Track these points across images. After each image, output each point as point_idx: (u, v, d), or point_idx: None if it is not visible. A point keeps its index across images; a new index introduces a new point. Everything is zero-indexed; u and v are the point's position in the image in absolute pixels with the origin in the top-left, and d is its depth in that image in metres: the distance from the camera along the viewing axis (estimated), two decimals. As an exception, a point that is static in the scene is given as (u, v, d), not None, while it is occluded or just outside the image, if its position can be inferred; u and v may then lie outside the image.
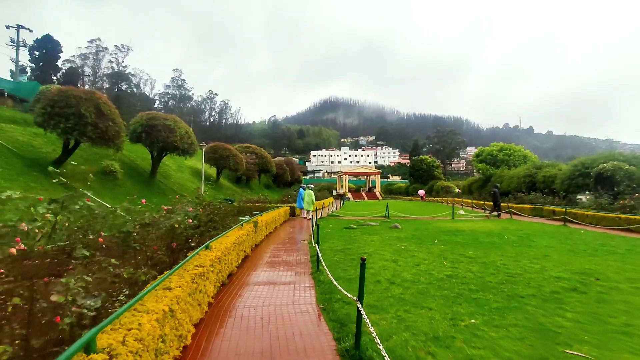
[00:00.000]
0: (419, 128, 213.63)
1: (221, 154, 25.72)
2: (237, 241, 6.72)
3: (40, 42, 70.51)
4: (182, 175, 22.92)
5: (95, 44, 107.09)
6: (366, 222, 15.78)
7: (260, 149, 36.25)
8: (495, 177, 36.17)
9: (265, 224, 11.04)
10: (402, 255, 7.97)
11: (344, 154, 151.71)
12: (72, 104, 12.07)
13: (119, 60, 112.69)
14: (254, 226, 9.06)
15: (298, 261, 7.65)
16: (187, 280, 3.50)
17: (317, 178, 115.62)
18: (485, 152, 41.98)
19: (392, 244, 9.51)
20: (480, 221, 16.68)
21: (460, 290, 5.19)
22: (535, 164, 29.09)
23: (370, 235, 11.42)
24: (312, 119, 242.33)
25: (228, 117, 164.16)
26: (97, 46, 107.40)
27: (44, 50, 70.97)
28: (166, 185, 18.81)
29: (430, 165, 69.56)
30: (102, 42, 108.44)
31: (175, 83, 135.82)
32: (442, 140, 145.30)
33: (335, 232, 12.28)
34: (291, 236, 11.75)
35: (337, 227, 13.92)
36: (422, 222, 16.16)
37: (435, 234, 11.72)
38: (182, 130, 17.15)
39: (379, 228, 13.53)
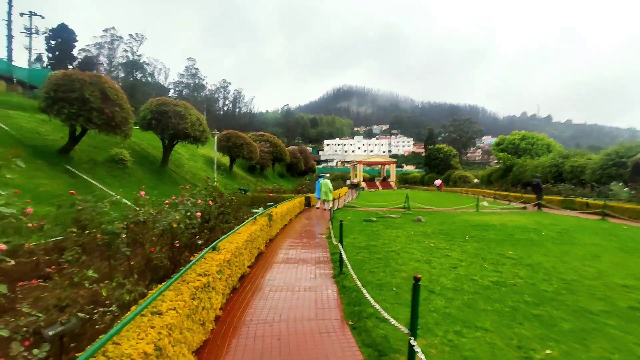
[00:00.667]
0: (434, 117, 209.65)
1: (234, 142, 25.02)
2: (249, 238, 5.98)
3: (55, 32, 70.77)
4: (195, 164, 22.37)
5: (110, 32, 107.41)
6: (386, 214, 14.90)
7: (274, 137, 35.44)
8: (517, 167, 34.64)
9: (280, 216, 10.30)
10: (434, 254, 7.11)
11: (358, 142, 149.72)
12: (76, 88, 11.44)
13: (134, 49, 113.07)
14: (268, 219, 8.32)
15: (317, 259, 6.88)
16: (186, 297, 2.75)
17: (330, 167, 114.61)
18: (507, 140, 40.23)
19: (419, 241, 8.64)
20: (507, 214, 15.61)
21: (514, 303, 4.32)
22: (561, 153, 27.53)
23: (393, 229, 10.57)
24: (325, 107, 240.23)
25: (242, 106, 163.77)
26: (111, 35, 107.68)
27: (60, 39, 71.28)
28: (178, 175, 18.25)
29: (447, 154, 67.80)
30: (116, 31, 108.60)
31: (189, 72, 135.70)
32: (458, 128, 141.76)
33: (354, 225, 11.47)
34: (307, 229, 10.99)
35: (356, 219, 13.10)
36: (446, 214, 15.19)
37: (463, 228, 10.78)
38: (193, 117, 16.45)
39: (401, 221, 12.65)
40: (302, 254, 7.43)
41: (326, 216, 14.82)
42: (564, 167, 25.40)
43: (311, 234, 10.03)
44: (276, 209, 10.29)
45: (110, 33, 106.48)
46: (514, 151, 39.05)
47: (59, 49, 72.86)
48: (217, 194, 8.19)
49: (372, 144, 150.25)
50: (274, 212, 9.31)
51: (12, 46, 34.89)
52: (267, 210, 9.23)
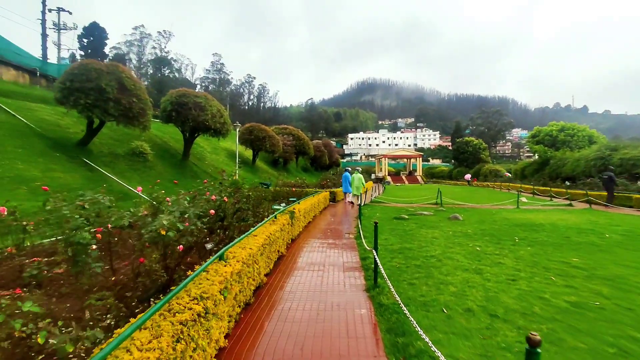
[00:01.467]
0: (461, 109, 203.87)
1: (257, 135, 24.29)
2: (267, 241, 5.14)
3: (87, 30, 72.90)
4: (217, 158, 21.91)
5: (139, 30, 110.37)
6: (417, 210, 13.79)
7: (297, 130, 34.57)
8: (556, 160, 32.34)
9: (304, 213, 9.45)
10: (483, 261, 6.04)
11: (382, 136, 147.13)
12: (92, 78, 10.97)
13: (162, 46, 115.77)
14: (290, 218, 7.48)
15: (346, 265, 5.98)
16: (165, 341, 1.90)
17: (354, 161, 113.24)
18: (543, 132, 37.76)
19: (461, 243, 7.56)
20: (553, 211, 14.13)
21: (616, 339, 3.24)
22: (608, 145, 25.23)
23: (428, 228, 9.50)
24: (349, 101, 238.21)
25: (266, 100, 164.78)
26: (141, 33, 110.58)
27: (92, 37, 73.44)
28: (199, 168, 17.77)
29: (476, 147, 65.04)
30: (145, 29, 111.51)
31: (214, 67, 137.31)
32: (487, 121, 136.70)
33: (384, 223, 10.47)
34: (333, 227, 10.09)
35: (385, 216, 12.07)
36: (483, 211, 13.90)
37: (508, 228, 9.56)
38: (213, 109, 15.80)
39: (435, 219, 11.53)
40: (328, 257, 6.54)
41: (352, 212, 13.88)
42: (612, 159, 23.22)
43: (337, 233, 9.13)
44: (299, 205, 9.45)
45: (139, 31, 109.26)
46: (551, 143, 36.62)
47: (91, 47, 75.04)
48: (234, 188, 7.41)
49: (397, 138, 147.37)
50: (296, 209, 8.47)
51: (46, 44, 35.72)
52: (289, 207, 8.40)
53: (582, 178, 24.28)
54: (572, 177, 27.80)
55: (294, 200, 11.72)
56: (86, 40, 74.77)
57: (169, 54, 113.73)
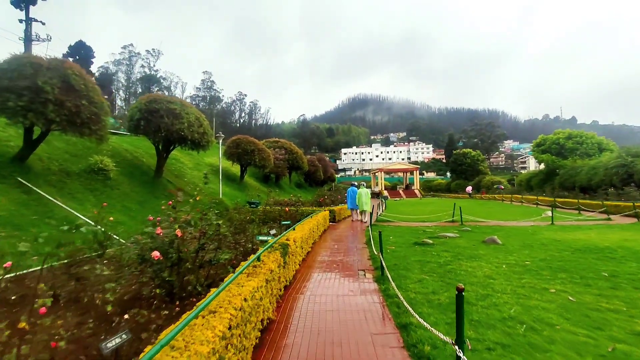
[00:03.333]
0: (452, 122, 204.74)
1: (245, 149, 21.64)
2: (234, 322, 2.64)
3: (73, 48, 71.13)
4: (199, 174, 19.42)
5: (128, 49, 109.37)
6: (437, 231, 11.38)
7: (290, 143, 32.12)
8: (567, 169, 30.38)
9: (301, 242, 6.98)
10: (607, 328, 3.61)
11: (376, 150, 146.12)
12: (27, 75, 8.58)
13: (151, 64, 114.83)
14: (281, 256, 5.01)
15: (377, 340, 3.48)
16: None
17: (348, 176, 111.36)
18: (549, 140, 36.02)
19: (534, 287, 5.14)
20: (600, 228, 11.85)
21: None
22: (629, 150, 23.29)
23: (468, 259, 7.06)
24: (340, 117, 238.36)
25: (258, 117, 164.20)
26: (129, 52, 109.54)
27: (77, 56, 71.59)
28: (176, 186, 15.25)
29: (474, 159, 63.43)
30: (134, 48, 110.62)
31: (205, 85, 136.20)
32: (480, 133, 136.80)
33: (406, 251, 8.02)
34: (340, 259, 7.58)
35: (403, 241, 9.62)
36: (518, 231, 11.53)
37: (573, 257, 7.17)
38: (190, 117, 13.37)
39: (467, 243, 9.11)
40: (344, 322, 4.04)
41: (360, 235, 11.43)
42: (637, 167, 21.21)
43: (348, 269, 6.64)
44: (295, 232, 6.99)
45: (128, 50, 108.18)
46: (558, 152, 34.81)
47: (77, 66, 73.01)
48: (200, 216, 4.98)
49: (391, 152, 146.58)
50: (291, 239, 6.01)
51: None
52: (282, 237, 5.95)
53: (604, 187, 22.18)
54: (587, 187, 25.76)
55: (287, 223, 9.27)
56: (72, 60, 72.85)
57: (158, 72, 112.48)
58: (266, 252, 4.75)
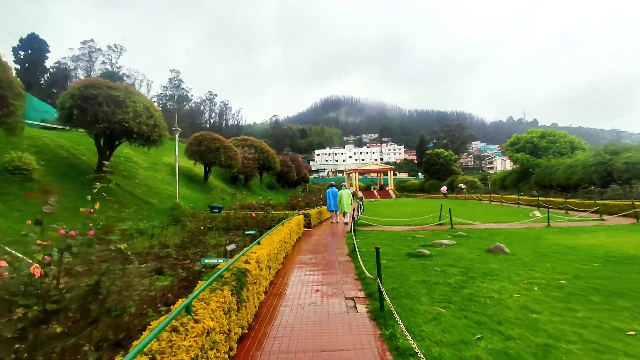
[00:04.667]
0: (423, 124, 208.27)
1: (208, 146, 19.36)
2: None
3: (25, 42, 65.37)
4: (156, 175, 17.08)
5: (88, 45, 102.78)
6: (429, 237, 9.88)
7: (261, 141, 29.94)
8: (542, 168, 30.13)
9: (267, 262, 5.17)
10: None
11: (349, 151, 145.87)
12: None
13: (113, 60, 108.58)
14: (234, 294, 3.19)
15: None
16: None
17: (322, 177, 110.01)
18: (523, 139, 35.94)
19: (590, 320, 3.61)
20: (599, 229, 10.77)
21: None
22: (606, 148, 23.02)
23: (484, 278, 5.49)
24: (313, 118, 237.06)
25: (229, 118, 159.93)
26: (89, 47, 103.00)
27: (30, 50, 65.88)
28: (123, 189, 12.97)
29: (447, 159, 63.61)
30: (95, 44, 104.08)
31: (172, 84, 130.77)
32: (450, 134, 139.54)
33: (401, 266, 6.37)
34: (319, 282, 5.81)
35: (393, 251, 7.99)
36: (517, 235, 10.22)
37: (612, 272, 5.80)
38: (138, 106, 11.18)
39: (469, 253, 7.60)
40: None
41: (341, 241, 9.75)
42: (615, 165, 20.82)
43: (332, 296, 4.87)
44: (260, 247, 5.18)
45: (88, 45, 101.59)
46: (532, 150, 34.75)
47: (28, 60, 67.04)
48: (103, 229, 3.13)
49: (364, 153, 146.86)
50: (253, 261, 4.20)
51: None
52: (239, 257, 4.12)
53: (584, 186, 21.69)
54: (565, 185, 25.41)
55: (253, 233, 7.41)
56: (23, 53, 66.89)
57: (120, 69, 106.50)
58: (208, 291, 2.93)
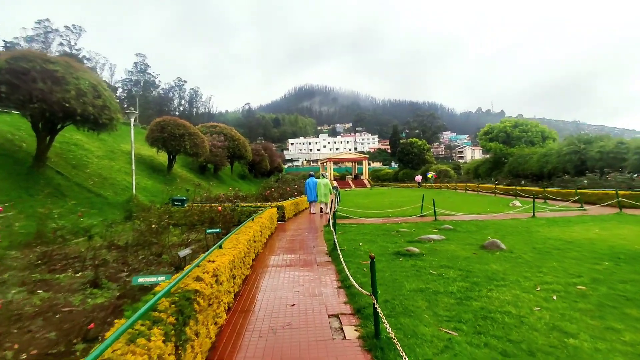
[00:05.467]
0: (395, 114, 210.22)
1: (172, 133, 17.52)
2: None
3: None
4: (112, 165, 15.36)
5: (43, 25, 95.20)
6: (414, 232, 9.07)
7: (231, 128, 28.23)
8: (515, 157, 30.33)
9: (230, 273, 4.09)
10: None
11: (323, 141, 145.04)
12: None
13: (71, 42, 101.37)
14: (168, 340, 2.10)
15: None
16: None
17: (296, 167, 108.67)
18: (497, 129, 36.14)
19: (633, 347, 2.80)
20: (588, 220, 10.35)
21: None
22: (580, 137, 23.21)
23: (490, 284, 4.65)
24: (287, 107, 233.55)
25: (199, 105, 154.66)
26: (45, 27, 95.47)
27: (-28, 27, 59.95)
28: (69, 180, 11.34)
29: (420, 148, 63.90)
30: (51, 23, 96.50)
31: (137, 68, 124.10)
32: (422, 124, 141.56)
33: (390, 269, 5.45)
34: (294, 292, 4.79)
35: (378, 249, 7.08)
36: (505, 227, 9.58)
37: (633, 275, 5.13)
38: (82, 83, 9.57)
39: (463, 250, 6.80)
40: None
41: (320, 237, 8.78)
42: (589, 153, 20.96)
43: (312, 314, 3.87)
44: (222, 252, 4.07)
45: (43, 25, 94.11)
46: (505, 140, 35.03)
47: (-30, 41, 61.06)
48: None
49: (338, 142, 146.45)
50: (208, 275, 3.11)
51: None
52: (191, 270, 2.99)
53: (559, 175, 21.77)
54: (539, 174, 25.60)
55: (216, 232, 6.28)
56: (-35, 32, 60.71)
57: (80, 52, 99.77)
58: (124, 341, 1.83)
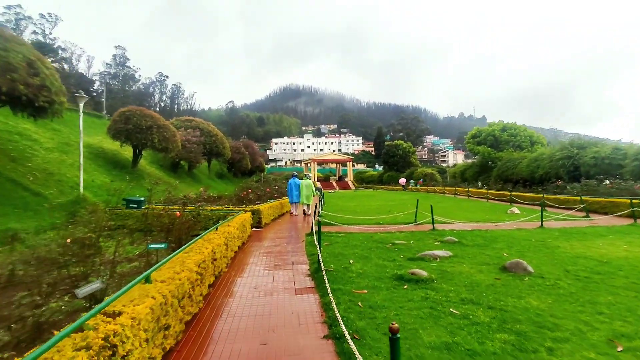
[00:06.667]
0: (380, 116, 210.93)
1: (138, 124, 15.47)
2: None
3: None
4: (64, 158, 13.40)
5: (13, 11, 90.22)
6: (414, 246, 7.64)
7: (208, 123, 26.19)
8: (504, 162, 29.54)
9: (155, 325, 2.51)
10: None
11: (307, 141, 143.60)
12: None
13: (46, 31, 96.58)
14: None
15: None
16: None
17: (279, 167, 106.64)
18: (485, 132, 35.44)
19: None
20: (601, 232, 9.16)
21: None
22: (572, 142, 22.47)
23: (544, 339, 3.23)
24: (272, 106, 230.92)
25: (181, 102, 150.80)
26: (16, 14, 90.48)
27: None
28: (2, 175, 9.44)
29: (406, 151, 63.17)
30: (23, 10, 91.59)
31: (116, 61, 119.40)
32: (406, 127, 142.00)
33: (395, 304, 3.97)
34: (272, 348, 3.26)
35: (374, 270, 5.59)
36: (516, 240, 8.26)
37: None
38: (12, 57, 7.76)
39: (480, 273, 5.40)
40: None
41: (300, 249, 7.23)
42: (583, 159, 20.16)
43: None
44: (145, 299, 2.46)
45: (14, 11, 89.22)
46: (493, 143, 34.35)
47: None
48: None
49: (322, 143, 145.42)
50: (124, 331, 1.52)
51: None
52: None
53: (553, 180, 20.90)
54: (529, 179, 24.79)
55: (160, 247, 4.65)
56: None
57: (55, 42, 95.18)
58: None
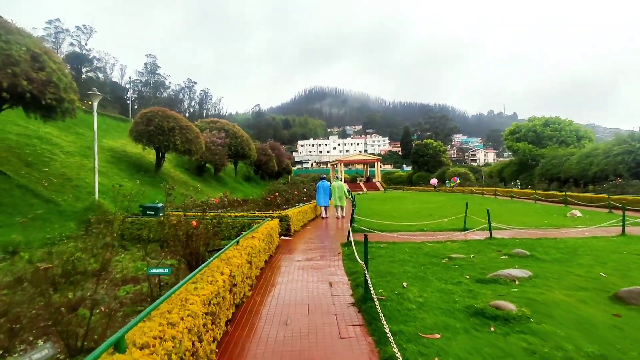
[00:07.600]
0: (406, 116, 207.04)
1: (160, 126, 14.89)
2: None
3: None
4: (84, 163, 12.91)
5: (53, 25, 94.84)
6: (477, 261, 6.29)
7: (233, 124, 25.54)
8: (548, 159, 27.10)
9: None
10: None
11: (333, 142, 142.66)
12: None
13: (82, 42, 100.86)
14: None
15: None
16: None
17: (305, 169, 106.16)
18: (525, 128, 32.94)
19: None
20: None
21: None
22: (633, 135, 20.05)
23: None
24: (297, 109, 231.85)
25: (209, 107, 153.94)
26: (55, 27, 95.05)
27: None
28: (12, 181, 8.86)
29: (436, 150, 60.75)
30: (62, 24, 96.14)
31: (148, 69, 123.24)
32: (434, 126, 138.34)
33: (478, 354, 2.73)
34: None
35: (438, 300, 4.33)
36: (606, 254, 6.72)
37: None
38: (14, 49, 7.05)
39: (583, 304, 4.02)
40: None
41: (337, 264, 6.03)
42: (646, 154, 17.82)
43: None
44: None
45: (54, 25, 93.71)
46: (535, 140, 31.81)
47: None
48: None
49: (348, 144, 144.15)
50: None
51: None
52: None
53: (612, 178, 18.68)
54: (579, 178, 22.47)
55: (162, 272, 3.54)
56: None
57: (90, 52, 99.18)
58: None
